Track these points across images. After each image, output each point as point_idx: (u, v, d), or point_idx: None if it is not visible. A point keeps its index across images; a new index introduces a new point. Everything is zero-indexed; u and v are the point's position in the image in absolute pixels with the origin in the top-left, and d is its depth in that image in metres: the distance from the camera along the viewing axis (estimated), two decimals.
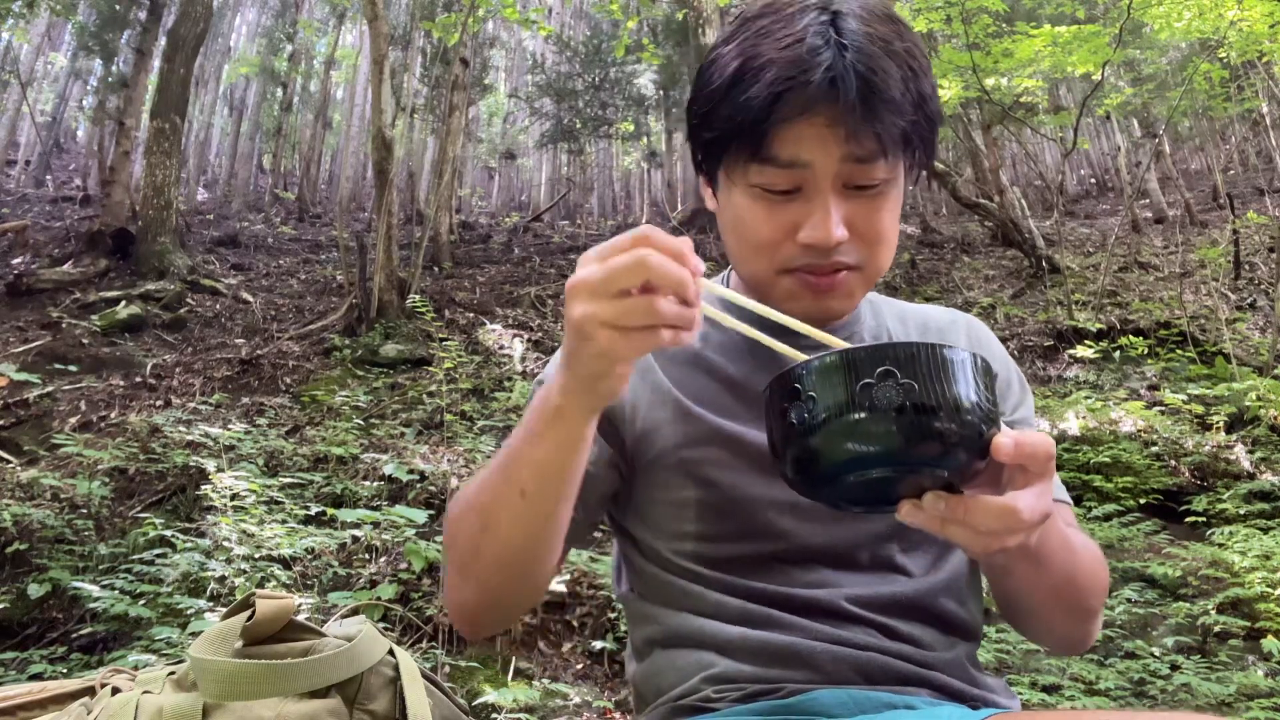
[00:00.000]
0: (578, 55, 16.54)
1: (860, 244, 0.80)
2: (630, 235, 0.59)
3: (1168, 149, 15.48)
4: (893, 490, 0.60)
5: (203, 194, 19.84)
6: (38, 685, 0.75)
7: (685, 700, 0.82)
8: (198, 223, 14.11)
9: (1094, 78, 9.54)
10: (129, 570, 3.37)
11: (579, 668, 3.20)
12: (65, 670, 2.99)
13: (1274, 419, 5.47)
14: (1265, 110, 14.23)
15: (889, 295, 1.05)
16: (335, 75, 22.47)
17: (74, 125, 23.16)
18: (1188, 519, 4.68)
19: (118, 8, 13.89)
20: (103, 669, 0.80)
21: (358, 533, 3.65)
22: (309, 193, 18.59)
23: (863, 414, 0.56)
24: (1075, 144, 9.88)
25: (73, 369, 6.72)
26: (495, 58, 21.92)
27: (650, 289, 0.58)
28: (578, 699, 2.92)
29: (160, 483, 4.68)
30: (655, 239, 0.58)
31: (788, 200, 0.79)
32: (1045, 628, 0.85)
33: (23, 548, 3.73)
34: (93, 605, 3.10)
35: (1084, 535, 0.85)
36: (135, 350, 7.35)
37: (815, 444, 0.58)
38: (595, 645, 3.24)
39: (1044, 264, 9.42)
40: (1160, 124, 13.55)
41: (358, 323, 8.04)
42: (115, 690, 0.73)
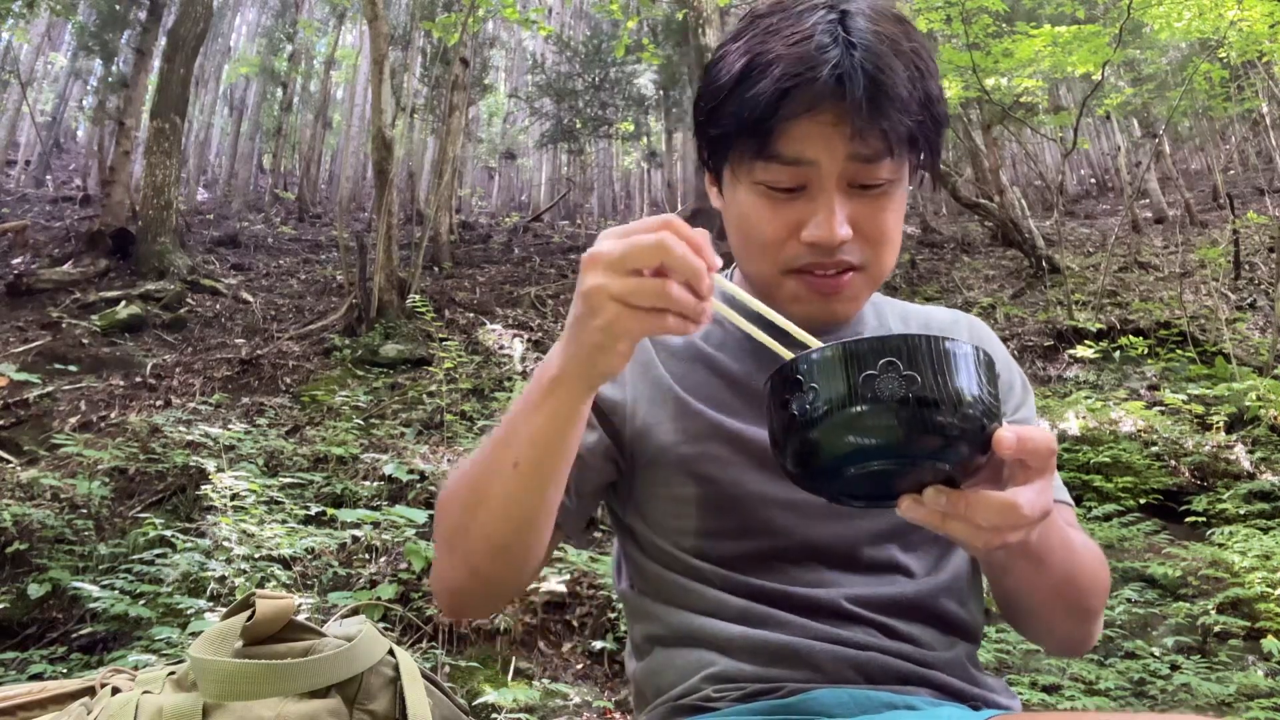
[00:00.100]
0: (578, 55, 16.54)
1: (864, 244, 0.80)
2: (654, 220, 0.60)
3: (1168, 149, 15.48)
4: (893, 484, 0.59)
5: (203, 194, 19.84)
6: (38, 685, 0.75)
7: (686, 700, 0.82)
8: (198, 223, 14.11)
9: (1094, 78, 9.54)
10: (129, 570, 3.37)
11: (579, 668, 3.20)
12: (65, 670, 2.99)
13: (1274, 419, 5.47)
14: (1265, 110, 14.23)
15: (889, 295, 1.05)
16: (335, 75, 22.48)
17: (74, 125, 23.16)
18: (1188, 519, 4.68)
19: (118, 8, 13.88)
20: (103, 669, 0.80)
21: (358, 533, 3.65)
22: (309, 193, 18.59)
23: (864, 406, 0.55)
24: (1075, 144, 9.88)
25: (73, 369, 6.72)
26: (495, 58, 21.92)
27: (664, 273, 0.58)
28: (578, 699, 2.92)
29: (160, 483, 4.68)
30: (677, 226, 0.59)
31: (792, 198, 0.79)
32: (1046, 628, 0.84)
33: (23, 548, 3.73)
34: (93, 605, 3.10)
35: (1085, 535, 0.85)
36: (135, 350, 7.35)
37: (816, 436, 0.57)
38: (595, 645, 3.24)
39: (1044, 264, 9.42)
40: (1160, 124, 13.55)
41: (358, 323, 8.03)
42: (115, 690, 0.73)
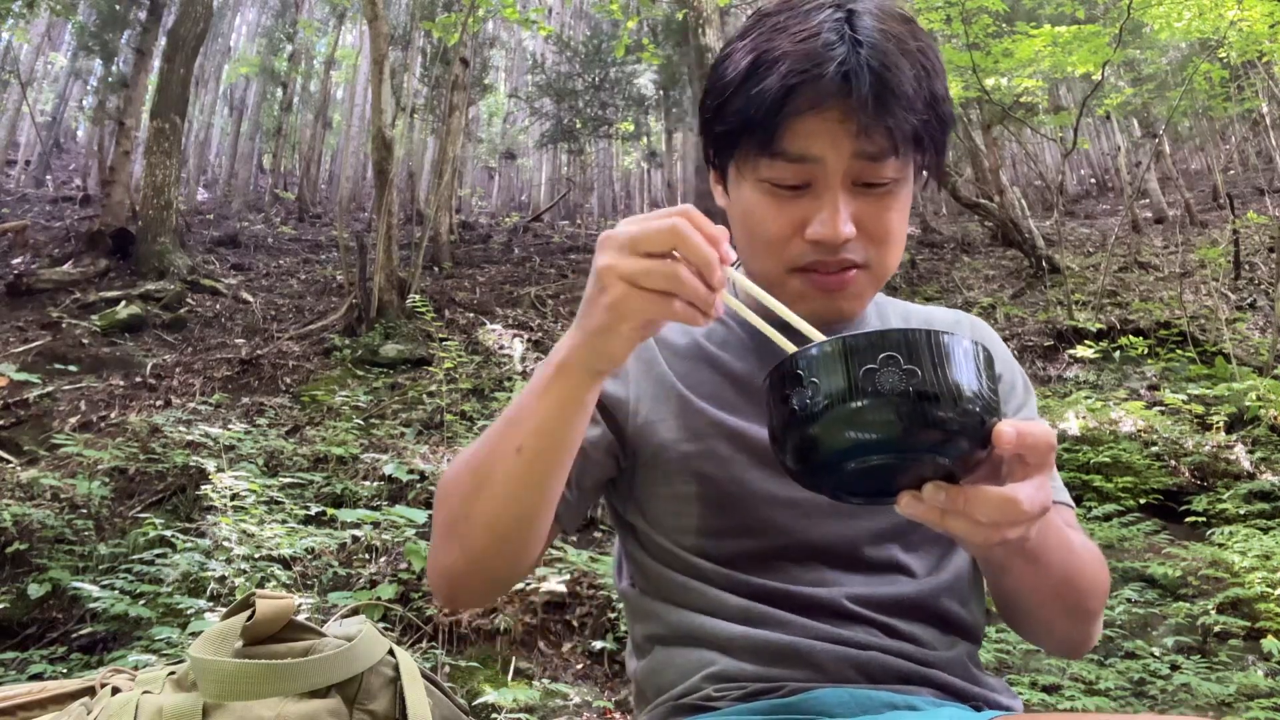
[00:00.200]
0: (578, 55, 16.53)
1: (868, 242, 0.80)
2: (673, 208, 0.61)
3: (1168, 149, 15.48)
4: (893, 480, 0.59)
5: (203, 194, 19.84)
6: (38, 685, 0.75)
7: (687, 699, 0.82)
8: (198, 223, 14.11)
9: (1094, 78, 9.54)
10: (129, 570, 3.37)
11: (579, 668, 3.20)
12: (65, 670, 2.99)
13: (1274, 419, 5.47)
14: (1265, 110, 14.23)
15: (889, 295, 1.05)
16: (335, 75, 22.48)
17: (74, 125, 23.16)
18: (1188, 519, 4.68)
19: (118, 8, 13.88)
20: (103, 669, 0.80)
21: (358, 533, 3.65)
22: (309, 193, 18.59)
23: (865, 400, 0.55)
24: (1075, 144, 9.88)
25: (73, 369, 6.72)
26: (495, 58, 21.92)
27: (676, 260, 0.59)
28: (578, 699, 2.92)
29: (160, 483, 4.68)
30: (694, 216, 0.60)
31: (797, 196, 0.79)
32: (1045, 629, 0.84)
33: (23, 548, 3.73)
34: (93, 605, 3.10)
35: (1084, 536, 0.85)
36: (135, 350, 7.35)
37: (816, 431, 0.57)
38: (595, 645, 3.23)
39: (1044, 264, 9.42)
40: (1160, 124, 13.55)
41: (358, 323, 8.03)
42: (115, 690, 0.73)
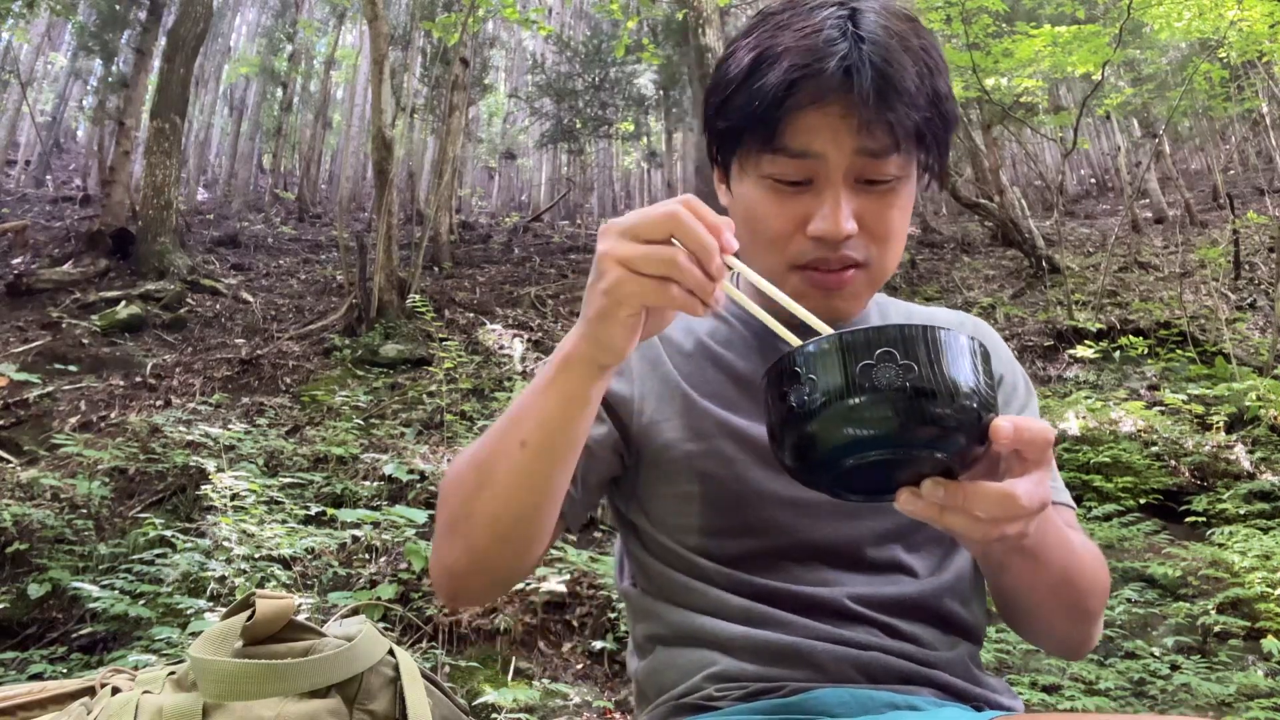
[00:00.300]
0: (578, 55, 16.52)
1: (870, 240, 0.80)
2: (675, 198, 0.61)
3: (1168, 149, 15.47)
4: (892, 477, 0.59)
5: (203, 194, 19.84)
6: (38, 685, 0.75)
7: (688, 699, 0.82)
8: (198, 223, 14.11)
9: (1094, 78, 9.54)
10: (129, 570, 3.37)
11: (579, 668, 3.20)
12: (65, 670, 2.99)
13: (1274, 419, 5.47)
14: (1265, 110, 14.23)
15: (889, 295, 1.05)
16: (335, 75, 22.48)
17: (74, 125, 23.15)
18: (1188, 519, 4.68)
19: (118, 8, 13.88)
20: (103, 669, 0.80)
21: (358, 533, 3.65)
22: (309, 193, 18.58)
23: (862, 396, 0.55)
24: (1075, 144, 9.87)
25: (73, 369, 6.72)
26: (495, 58, 21.92)
27: (675, 247, 0.60)
28: (578, 699, 2.92)
29: (160, 483, 4.68)
30: (695, 205, 0.61)
31: (799, 192, 0.79)
32: (1045, 629, 0.84)
33: (23, 548, 3.73)
34: (93, 605, 3.10)
35: (1084, 537, 0.85)
36: (135, 350, 7.35)
37: (814, 428, 0.57)
38: (595, 645, 3.23)
39: (1044, 264, 9.42)
40: (1160, 124, 13.55)
41: (358, 323, 8.03)
42: (115, 690, 0.73)
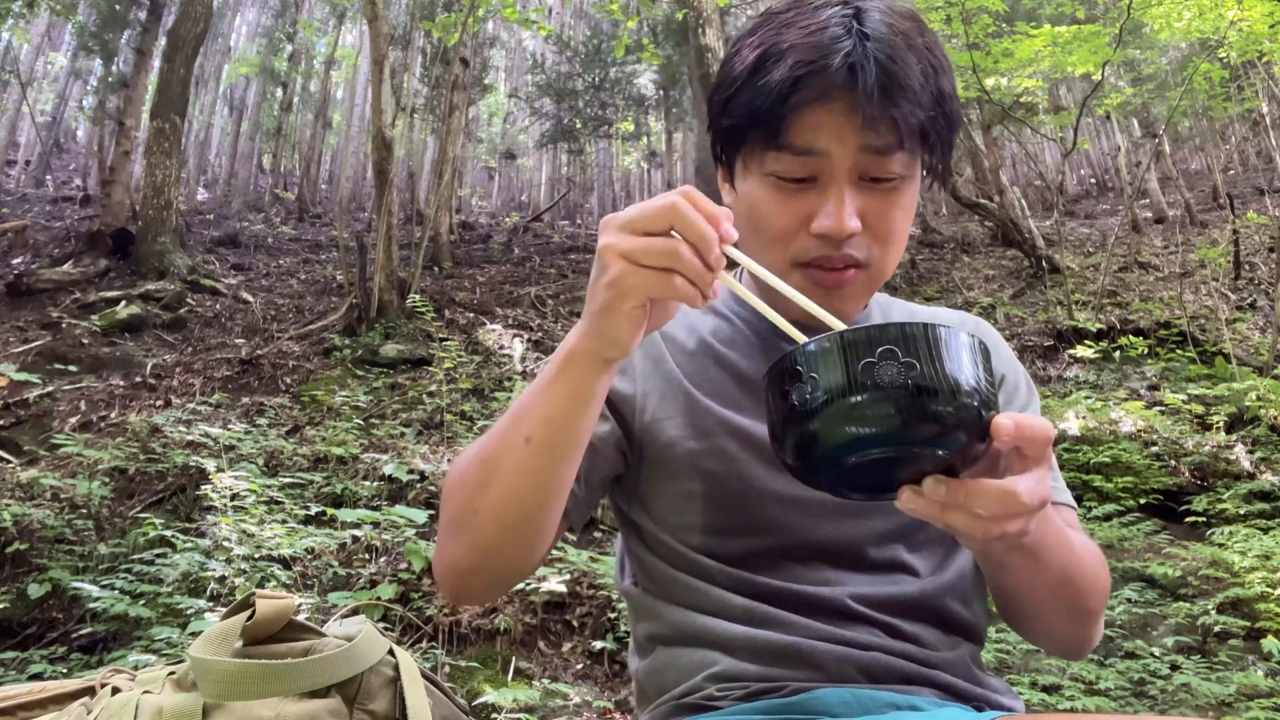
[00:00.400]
0: (578, 55, 16.51)
1: (872, 239, 0.80)
2: (675, 190, 0.62)
3: (1168, 149, 15.47)
4: (893, 475, 0.59)
5: (203, 194, 19.84)
6: (38, 685, 0.75)
7: (689, 699, 0.82)
8: (198, 223, 14.10)
9: (1094, 78, 9.54)
10: (129, 570, 3.37)
11: (579, 668, 3.20)
12: (65, 670, 2.98)
13: (1274, 419, 5.47)
14: (1265, 110, 14.23)
15: (889, 295, 1.05)
16: (335, 75, 22.48)
17: (74, 125, 23.15)
18: (1188, 519, 4.68)
19: (118, 8, 13.88)
20: (103, 669, 0.80)
21: (358, 533, 3.65)
22: (309, 193, 18.58)
23: (863, 394, 0.55)
24: (1075, 144, 9.87)
25: (73, 369, 6.71)
26: (495, 58, 21.92)
27: (675, 238, 0.60)
28: (578, 699, 2.92)
29: (160, 483, 4.68)
30: (694, 196, 0.61)
31: (803, 189, 0.79)
32: (1045, 629, 0.84)
33: (23, 548, 3.73)
34: (93, 605, 3.10)
35: (1085, 537, 0.85)
36: (135, 350, 7.35)
37: (816, 426, 0.57)
38: (595, 645, 3.23)
39: (1044, 264, 9.42)
40: (1160, 124, 13.55)
41: (358, 323, 8.03)
42: (115, 690, 0.73)
